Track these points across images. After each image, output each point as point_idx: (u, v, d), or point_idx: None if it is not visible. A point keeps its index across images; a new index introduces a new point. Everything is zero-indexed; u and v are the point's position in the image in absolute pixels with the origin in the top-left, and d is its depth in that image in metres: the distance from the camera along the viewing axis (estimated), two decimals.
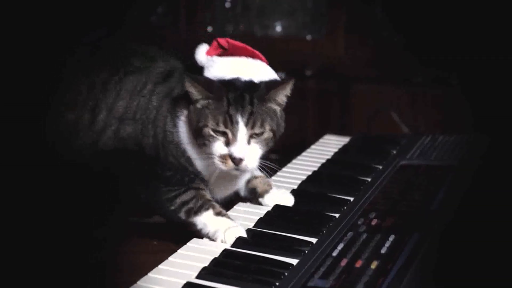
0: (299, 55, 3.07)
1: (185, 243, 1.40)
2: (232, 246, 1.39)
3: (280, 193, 1.60)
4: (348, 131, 2.34)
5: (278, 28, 3.18)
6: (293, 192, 1.66)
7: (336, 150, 1.97)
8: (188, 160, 1.49)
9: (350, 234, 1.40)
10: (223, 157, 1.42)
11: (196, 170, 1.50)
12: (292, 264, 1.30)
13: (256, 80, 1.46)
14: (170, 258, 1.34)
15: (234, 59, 1.48)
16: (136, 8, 3.22)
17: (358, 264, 1.28)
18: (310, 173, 1.79)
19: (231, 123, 1.41)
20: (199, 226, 1.46)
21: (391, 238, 1.36)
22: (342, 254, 1.32)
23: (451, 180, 1.65)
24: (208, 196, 1.50)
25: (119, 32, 1.75)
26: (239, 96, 1.43)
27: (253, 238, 1.42)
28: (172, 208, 1.48)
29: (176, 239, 1.45)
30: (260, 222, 1.49)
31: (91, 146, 1.51)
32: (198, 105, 1.44)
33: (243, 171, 1.46)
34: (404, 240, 1.35)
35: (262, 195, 1.58)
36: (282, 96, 1.47)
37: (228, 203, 1.58)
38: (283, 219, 1.51)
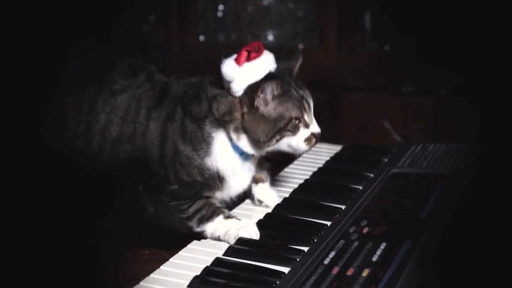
0: None
1: (177, 252, 1.41)
2: (223, 254, 1.39)
3: (270, 190, 1.66)
4: (340, 140, 2.34)
5: (270, 38, 3.19)
6: (285, 200, 1.66)
7: (327, 158, 1.98)
8: (214, 173, 1.53)
9: (341, 242, 1.40)
10: (308, 139, 1.52)
11: (221, 175, 1.54)
12: (283, 273, 1.30)
13: (278, 67, 1.54)
14: (162, 267, 1.34)
15: (261, 59, 1.52)
16: (127, 18, 3.22)
17: (350, 272, 1.28)
18: (301, 181, 1.79)
19: (308, 105, 1.52)
20: (210, 231, 1.48)
21: (383, 246, 1.36)
22: (333, 262, 1.32)
23: (442, 188, 1.66)
24: (217, 203, 1.54)
25: (109, 42, 1.74)
26: (294, 81, 1.53)
27: (245, 246, 1.42)
28: (184, 216, 1.50)
29: (168, 248, 1.44)
30: None
31: (90, 164, 1.53)
32: (270, 107, 1.49)
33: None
34: (396, 248, 1.35)
35: (256, 183, 1.65)
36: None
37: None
38: (274, 228, 1.51)
